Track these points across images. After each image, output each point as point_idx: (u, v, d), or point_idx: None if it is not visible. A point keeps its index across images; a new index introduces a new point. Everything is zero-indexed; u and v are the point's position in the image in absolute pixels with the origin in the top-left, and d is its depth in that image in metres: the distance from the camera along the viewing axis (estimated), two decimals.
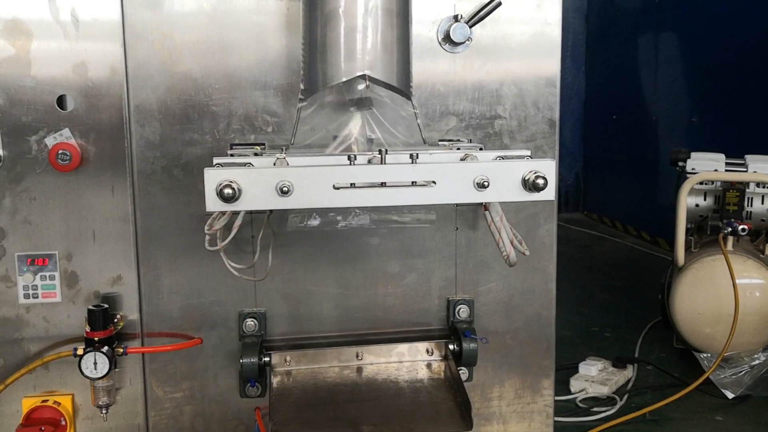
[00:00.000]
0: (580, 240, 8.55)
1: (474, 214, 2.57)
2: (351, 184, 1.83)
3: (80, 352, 2.28)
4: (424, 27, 2.42)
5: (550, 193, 1.88)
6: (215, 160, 2.05)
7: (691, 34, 7.48)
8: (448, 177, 1.86)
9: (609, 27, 9.41)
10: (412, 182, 1.85)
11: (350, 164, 1.90)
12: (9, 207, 2.35)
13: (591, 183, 10.01)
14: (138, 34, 2.33)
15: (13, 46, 2.28)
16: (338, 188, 1.83)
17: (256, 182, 1.79)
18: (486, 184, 1.86)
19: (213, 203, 1.78)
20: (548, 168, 1.87)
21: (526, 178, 1.88)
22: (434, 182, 1.85)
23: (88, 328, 2.31)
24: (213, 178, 1.77)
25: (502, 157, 2.12)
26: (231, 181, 1.77)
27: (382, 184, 1.85)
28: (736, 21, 6.74)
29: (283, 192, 1.79)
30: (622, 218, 9.08)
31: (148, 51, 2.34)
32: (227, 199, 1.77)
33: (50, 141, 2.32)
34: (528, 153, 2.20)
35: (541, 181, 1.86)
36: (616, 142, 9.16)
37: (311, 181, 1.82)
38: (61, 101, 2.32)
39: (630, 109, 8.66)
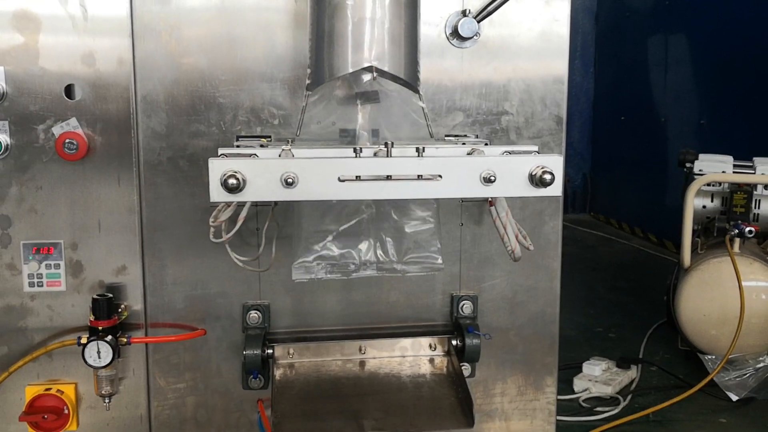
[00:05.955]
0: (587, 241, 8.52)
1: (479, 209, 2.56)
2: (356, 176, 1.83)
3: (84, 340, 2.29)
4: (432, 22, 2.42)
5: (557, 189, 1.87)
6: (220, 151, 2.05)
7: (700, 35, 7.45)
8: (455, 171, 1.85)
9: (618, 28, 9.37)
10: (418, 176, 1.84)
11: (356, 157, 1.90)
12: (15, 195, 2.36)
13: (599, 184, 9.97)
14: (146, 26, 2.33)
15: (22, 36, 2.29)
16: (343, 181, 1.82)
17: (260, 173, 1.79)
18: (492, 178, 1.85)
19: (217, 193, 1.77)
20: (556, 163, 1.86)
21: (534, 174, 1.86)
22: (440, 176, 1.84)
23: (92, 317, 2.32)
24: (217, 168, 1.77)
25: (509, 152, 2.10)
26: (235, 172, 1.76)
27: (388, 177, 1.84)
28: (746, 22, 6.71)
29: (288, 183, 1.79)
30: (629, 220, 9.05)
31: (156, 43, 2.34)
32: (231, 190, 1.76)
33: (57, 130, 2.33)
34: (536, 148, 2.18)
35: (548, 177, 1.85)
36: (625, 144, 9.13)
37: (316, 173, 1.81)
38: (68, 91, 2.33)
39: (639, 111, 8.63)
